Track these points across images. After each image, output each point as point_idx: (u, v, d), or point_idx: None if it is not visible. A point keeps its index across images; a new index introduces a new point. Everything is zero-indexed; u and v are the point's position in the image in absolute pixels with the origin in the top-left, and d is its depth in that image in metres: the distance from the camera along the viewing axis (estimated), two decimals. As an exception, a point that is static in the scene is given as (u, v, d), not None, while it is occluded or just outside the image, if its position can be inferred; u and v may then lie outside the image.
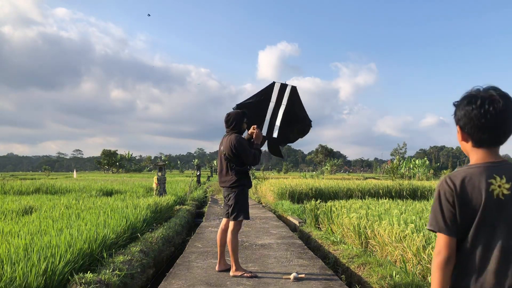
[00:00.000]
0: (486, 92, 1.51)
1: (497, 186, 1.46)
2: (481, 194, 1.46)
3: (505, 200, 1.44)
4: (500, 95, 1.49)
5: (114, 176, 45.71)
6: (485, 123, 1.48)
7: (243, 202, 4.39)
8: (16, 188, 14.07)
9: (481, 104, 1.49)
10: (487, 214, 1.45)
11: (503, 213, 1.45)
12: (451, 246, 1.49)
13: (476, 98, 1.50)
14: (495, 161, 1.51)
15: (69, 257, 4.01)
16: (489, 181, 1.46)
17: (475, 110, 1.49)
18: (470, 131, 1.53)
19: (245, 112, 4.60)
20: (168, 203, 9.73)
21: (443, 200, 1.51)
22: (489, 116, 1.47)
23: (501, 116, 1.47)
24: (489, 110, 1.47)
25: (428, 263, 4.36)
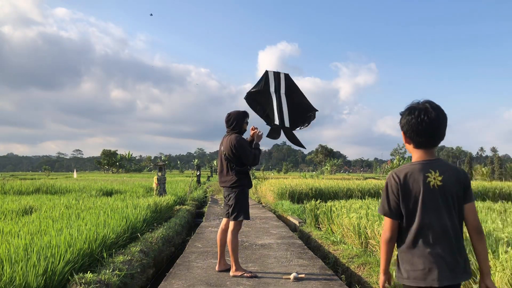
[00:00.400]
0: (422, 104, 1.90)
1: (433, 178, 1.87)
2: (420, 185, 1.87)
3: (438, 189, 1.87)
4: (432, 107, 1.88)
5: (114, 176, 45.71)
6: (422, 130, 1.87)
7: (243, 202, 4.38)
8: (16, 188, 14.07)
9: (418, 114, 1.87)
10: (426, 200, 1.86)
11: (437, 199, 1.87)
12: (394, 227, 1.94)
13: (414, 110, 1.90)
14: (431, 159, 1.92)
15: (69, 257, 4.01)
16: (426, 175, 1.88)
17: (414, 119, 1.88)
18: (411, 136, 1.93)
19: (246, 112, 4.60)
20: (168, 203, 9.73)
21: (389, 191, 1.93)
22: (424, 124, 1.86)
23: (434, 124, 1.87)
24: (424, 119, 1.86)
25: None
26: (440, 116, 1.89)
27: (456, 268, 1.85)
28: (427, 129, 1.87)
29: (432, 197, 1.86)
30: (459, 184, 1.91)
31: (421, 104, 1.91)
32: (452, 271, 1.84)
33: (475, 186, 14.83)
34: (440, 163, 1.92)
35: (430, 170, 1.89)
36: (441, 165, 1.91)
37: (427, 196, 1.86)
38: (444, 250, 1.85)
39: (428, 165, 1.90)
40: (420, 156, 1.94)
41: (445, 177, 1.89)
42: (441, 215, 1.86)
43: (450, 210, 1.88)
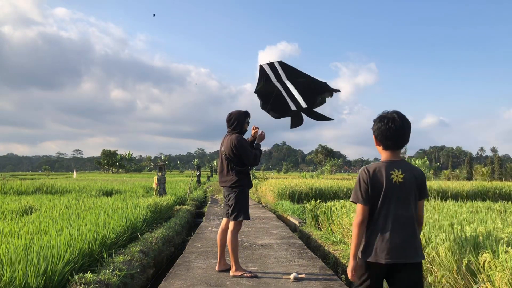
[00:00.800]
0: (391, 114, 2.31)
1: (395, 175, 2.27)
2: (384, 180, 2.25)
3: (399, 184, 2.26)
4: (399, 117, 2.29)
5: (114, 176, 45.71)
6: (389, 135, 2.28)
7: (243, 202, 4.38)
8: (16, 188, 14.06)
9: (387, 122, 2.28)
10: (387, 193, 2.24)
11: (398, 192, 2.25)
12: (365, 212, 2.29)
13: (384, 118, 2.31)
14: (396, 160, 2.33)
15: (69, 257, 4.01)
16: (390, 172, 2.27)
17: (383, 126, 2.29)
18: (380, 139, 2.34)
19: (248, 112, 4.60)
20: (168, 203, 9.73)
21: (361, 182, 2.30)
22: (392, 130, 2.27)
23: (399, 130, 2.27)
24: (391, 126, 2.26)
25: (427, 263, 4.36)
26: (405, 124, 2.30)
27: (409, 250, 2.23)
28: (393, 134, 2.28)
29: (393, 191, 2.26)
30: (417, 183, 2.31)
31: (389, 114, 2.32)
32: (406, 252, 2.22)
33: (475, 186, 14.83)
34: (403, 164, 2.32)
35: (394, 169, 2.28)
36: (404, 165, 2.31)
37: (389, 189, 2.26)
38: (400, 235, 2.23)
39: (393, 165, 2.30)
40: (387, 157, 2.34)
41: (406, 176, 2.27)
42: (399, 206, 2.26)
43: (407, 203, 2.27)
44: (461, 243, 4.08)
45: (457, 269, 3.88)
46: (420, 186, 2.32)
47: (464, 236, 4.29)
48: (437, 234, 4.54)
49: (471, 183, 17.32)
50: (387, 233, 2.23)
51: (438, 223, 5.55)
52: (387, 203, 2.25)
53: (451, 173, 60.72)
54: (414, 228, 2.27)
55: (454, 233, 4.41)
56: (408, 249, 2.23)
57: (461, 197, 13.42)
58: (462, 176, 58.06)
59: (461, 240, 4.17)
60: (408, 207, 2.27)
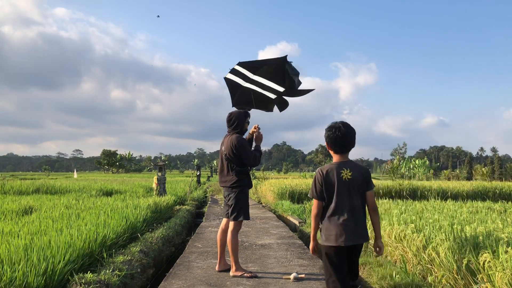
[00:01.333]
0: (337, 124, 2.82)
1: (345, 174, 2.76)
2: (335, 178, 2.76)
3: (348, 181, 2.76)
4: (344, 126, 2.80)
5: (114, 176, 45.72)
6: (336, 141, 2.79)
7: (243, 202, 4.38)
8: (16, 188, 14.06)
9: (334, 131, 2.79)
10: (340, 188, 2.75)
11: (348, 187, 2.75)
12: (319, 206, 2.83)
13: (332, 127, 2.82)
14: (344, 161, 2.83)
15: (69, 257, 4.01)
16: (340, 171, 2.76)
17: (331, 134, 2.81)
18: (330, 145, 2.85)
19: (248, 112, 4.59)
20: (168, 203, 9.73)
21: (317, 181, 2.81)
22: (338, 138, 2.78)
23: (345, 138, 2.78)
24: (338, 135, 2.78)
25: (428, 263, 4.36)
26: (349, 131, 2.81)
27: (358, 233, 2.74)
28: (340, 141, 2.80)
29: (344, 186, 2.75)
30: (363, 178, 2.80)
31: (336, 124, 2.84)
32: (355, 235, 2.72)
33: (475, 186, 14.83)
34: (350, 164, 2.83)
35: (343, 168, 2.78)
36: (351, 165, 2.82)
37: (340, 185, 2.75)
38: (350, 221, 2.71)
39: (342, 165, 2.80)
40: (338, 159, 2.85)
41: (353, 173, 2.77)
42: (349, 198, 2.74)
43: (356, 195, 2.76)
44: (461, 243, 4.08)
45: (457, 269, 3.88)
46: (366, 180, 2.83)
47: (464, 236, 4.29)
48: (437, 234, 4.54)
49: (471, 183, 17.33)
50: (343, 221, 2.72)
51: (438, 223, 5.55)
52: (340, 197, 2.75)
53: (451, 173, 60.75)
54: (363, 215, 2.82)
55: (454, 233, 4.41)
56: (360, 233, 2.77)
57: (461, 197, 13.42)
58: (462, 176, 58.08)
59: (461, 240, 4.17)
60: (358, 198, 2.78)
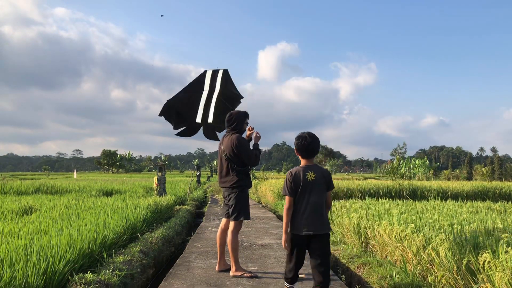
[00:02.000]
0: (304, 134, 3.34)
1: (309, 175, 3.25)
2: (302, 178, 3.25)
3: (312, 181, 3.25)
4: (309, 136, 3.32)
5: (114, 176, 45.70)
6: (302, 148, 3.31)
7: (244, 202, 4.38)
8: (16, 188, 14.06)
9: (301, 140, 3.31)
10: (304, 187, 3.24)
11: (311, 186, 3.24)
12: (291, 201, 3.28)
13: (299, 137, 3.33)
14: (310, 164, 3.33)
15: (69, 257, 4.01)
16: (306, 173, 3.25)
17: (299, 142, 3.32)
18: (298, 152, 3.36)
19: (247, 112, 4.60)
20: (168, 203, 9.72)
21: (287, 181, 3.30)
22: (304, 146, 3.30)
23: (309, 146, 3.29)
24: (304, 143, 3.30)
25: (428, 263, 4.36)
26: (313, 141, 3.32)
27: (317, 224, 3.21)
28: (305, 148, 3.31)
29: (308, 186, 3.25)
30: (324, 179, 3.30)
31: (303, 134, 3.35)
32: (314, 227, 3.20)
33: (475, 186, 14.83)
34: (315, 167, 3.32)
35: (308, 171, 3.27)
36: (315, 168, 3.32)
37: (305, 185, 3.25)
38: (311, 215, 3.21)
39: (308, 168, 3.30)
40: (304, 163, 3.35)
41: (316, 175, 3.26)
42: (312, 196, 3.24)
43: (317, 193, 3.26)
44: (461, 243, 4.08)
45: (457, 269, 3.88)
46: (327, 181, 3.31)
47: (464, 236, 4.29)
48: (437, 234, 4.54)
49: (471, 183, 17.32)
50: (305, 214, 3.22)
51: (438, 223, 5.55)
52: (304, 194, 3.25)
53: (451, 173, 60.73)
54: (323, 210, 3.28)
55: (454, 233, 4.42)
56: (318, 224, 3.21)
57: (461, 197, 13.42)
58: (462, 176, 58.04)
59: (461, 240, 4.17)
60: (319, 196, 3.26)
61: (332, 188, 3.34)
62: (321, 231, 3.20)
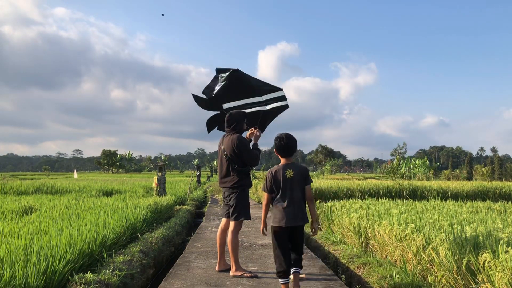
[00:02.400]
0: (281, 135, 3.65)
1: (288, 173, 3.55)
2: (281, 176, 3.57)
3: (291, 178, 3.56)
4: (286, 137, 3.63)
5: (114, 176, 45.71)
6: (281, 148, 3.64)
7: (244, 202, 4.38)
8: (16, 188, 14.06)
9: (279, 141, 3.64)
10: (284, 184, 3.56)
11: (290, 183, 3.56)
12: (269, 198, 3.65)
13: (278, 138, 3.65)
14: (288, 163, 3.64)
15: (69, 257, 4.01)
16: (285, 171, 3.57)
17: (278, 143, 3.65)
18: (277, 152, 3.68)
19: (246, 112, 4.60)
20: (168, 203, 9.73)
21: (267, 179, 3.63)
22: (282, 146, 3.63)
23: (286, 146, 3.61)
24: (282, 144, 3.62)
25: (428, 263, 4.36)
26: (290, 142, 3.63)
27: (297, 218, 3.54)
28: (283, 148, 3.63)
29: (288, 182, 3.56)
30: (302, 176, 3.59)
31: (281, 135, 3.66)
32: (295, 219, 3.54)
33: (475, 186, 14.84)
34: (293, 165, 3.62)
35: (287, 169, 3.58)
36: (294, 166, 3.61)
37: (285, 182, 3.56)
38: (290, 208, 3.52)
39: (287, 166, 3.60)
40: (283, 162, 3.65)
41: (295, 172, 3.57)
42: (291, 191, 3.55)
43: (296, 189, 3.56)
44: (461, 243, 4.08)
45: (457, 269, 3.88)
46: (304, 177, 3.60)
47: (464, 236, 4.29)
48: (437, 234, 4.54)
49: (471, 183, 17.32)
50: (285, 208, 3.52)
51: (438, 223, 5.55)
52: (284, 190, 3.56)
53: (451, 173, 60.71)
54: (301, 204, 3.58)
55: (454, 233, 4.41)
56: (297, 217, 3.54)
57: (461, 197, 13.41)
58: (462, 176, 58.03)
59: (461, 240, 4.17)
60: (298, 191, 3.56)
61: (309, 182, 3.63)
62: (300, 223, 3.59)
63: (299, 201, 3.55)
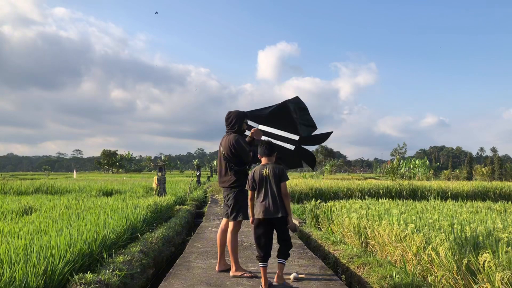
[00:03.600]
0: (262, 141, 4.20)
1: (265, 171, 3.98)
2: (259, 174, 4.00)
3: (268, 176, 3.96)
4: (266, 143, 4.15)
5: (114, 176, 45.72)
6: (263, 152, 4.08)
7: (243, 202, 4.38)
8: (16, 188, 14.07)
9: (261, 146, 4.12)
10: (260, 181, 3.99)
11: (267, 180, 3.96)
12: (252, 194, 4.04)
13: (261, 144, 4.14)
14: (267, 163, 4.05)
15: (69, 257, 4.01)
16: (262, 170, 4.00)
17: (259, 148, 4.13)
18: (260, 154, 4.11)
19: (246, 112, 4.59)
20: (168, 203, 9.73)
21: (249, 177, 4.09)
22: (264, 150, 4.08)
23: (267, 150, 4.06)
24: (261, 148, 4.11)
25: (428, 263, 4.36)
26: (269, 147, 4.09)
27: (274, 210, 3.89)
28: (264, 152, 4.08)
29: (264, 179, 3.99)
30: (278, 174, 3.95)
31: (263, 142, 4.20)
32: (271, 212, 3.89)
33: (475, 186, 14.86)
34: (270, 165, 4.03)
35: (264, 168, 4.02)
36: (270, 166, 4.02)
37: (262, 179, 3.99)
38: (267, 203, 3.92)
39: (265, 166, 4.04)
40: (263, 162, 4.10)
41: (270, 171, 3.97)
42: (268, 187, 3.95)
43: (272, 185, 3.94)
44: (461, 243, 4.08)
45: (457, 269, 3.88)
46: (280, 176, 3.95)
47: (464, 236, 4.29)
48: (437, 234, 4.54)
49: (471, 183, 17.33)
50: (263, 202, 3.94)
51: (438, 223, 5.55)
52: (262, 187, 3.98)
53: (451, 173, 60.73)
54: (278, 198, 3.92)
55: (454, 233, 4.41)
56: (273, 210, 3.89)
57: (461, 197, 13.42)
58: (462, 176, 58.06)
59: (461, 240, 4.17)
60: (274, 187, 3.93)
61: (284, 180, 3.99)
62: (277, 215, 3.90)
63: (274, 196, 3.92)
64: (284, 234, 4.00)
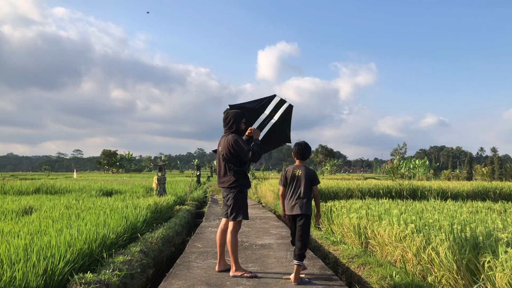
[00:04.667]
0: (301, 142, 4.48)
1: (298, 172, 4.35)
2: (291, 174, 4.39)
3: (300, 176, 4.34)
4: (304, 144, 4.46)
5: (114, 176, 45.73)
6: (298, 152, 4.44)
7: (242, 202, 4.38)
8: (16, 188, 14.07)
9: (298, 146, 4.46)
10: (292, 180, 4.38)
11: (298, 180, 4.34)
12: (283, 190, 4.49)
13: (298, 144, 4.49)
14: (300, 165, 4.43)
15: (69, 257, 4.01)
16: (295, 171, 4.38)
17: (297, 148, 4.46)
18: (295, 155, 4.47)
19: (244, 112, 4.59)
20: (168, 203, 9.73)
21: (283, 175, 4.51)
22: (299, 150, 4.44)
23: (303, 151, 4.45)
24: (300, 147, 4.44)
25: (428, 263, 4.36)
26: (306, 148, 4.43)
27: (297, 208, 4.23)
28: (300, 152, 4.42)
29: (294, 179, 4.34)
30: (309, 176, 4.31)
31: (300, 142, 4.46)
32: (295, 209, 4.25)
33: (475, 186, 14.84)
34: (303, 167, 4.38)
35: (297, 169, 4.36)
36: (303, 168, 4.36)
37: (294, 179, 4.34)
38: (294, 201, 4.29)
39: (298, 167, 4.38)
40: (297, 163, 4.44)
41: (303, 173, 4.31)
42: (297, 187, 4.32)
43: (302, 186, 4.28)
44: (461, 243, 4.08)
45: (457, 269, 3.88)
46: (311, 178, 4.31)
47: (464, 236, 4.29)
48: (437, 234, 4.54)
49: (471, 183, 17.32)
50: (289, 200, 4.35)
51: (438, 223, 5.55)
52: (292, 185, 4.35)
53: (451, 173, 60.70)
54: (303, 198, 4.24)
55: (454, 233, 4.41)
56: (298, 208, 4.23)
57: (461, 197, 13.41)
58: (462, 176, 58.05)
59: (461, 240, 4.17)
60: (303, 187, 4.27)
61: (316, 183, 4.39)
62: (300, 212, 4.21)
63: (301, 195, 4.26)
64: (302, 233, 4.23)
